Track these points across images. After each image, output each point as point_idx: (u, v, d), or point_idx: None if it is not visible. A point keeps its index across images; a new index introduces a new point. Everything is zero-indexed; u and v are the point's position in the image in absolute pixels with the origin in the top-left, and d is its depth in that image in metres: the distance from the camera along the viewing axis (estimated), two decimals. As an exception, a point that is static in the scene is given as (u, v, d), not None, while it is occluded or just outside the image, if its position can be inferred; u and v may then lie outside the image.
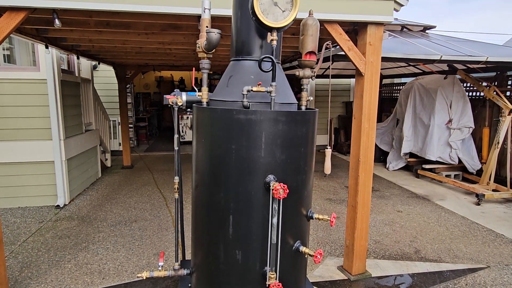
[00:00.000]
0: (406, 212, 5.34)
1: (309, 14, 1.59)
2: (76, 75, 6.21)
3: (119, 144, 9.45)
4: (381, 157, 8.73)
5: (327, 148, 1.73)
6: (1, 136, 5.06)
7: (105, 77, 9.18)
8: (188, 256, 3.51)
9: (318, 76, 9.49)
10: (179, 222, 1.96)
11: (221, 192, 1.44)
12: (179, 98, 1.60)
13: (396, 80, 10.76)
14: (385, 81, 10.45)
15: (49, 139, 5.24)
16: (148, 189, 6.42)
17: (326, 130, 10.98)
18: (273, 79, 1.36)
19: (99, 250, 3.94)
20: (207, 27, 1.46)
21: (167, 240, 4.23)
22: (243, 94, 1.37)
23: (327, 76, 9.57)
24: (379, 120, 9.37)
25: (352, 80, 10.63)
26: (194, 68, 1.81)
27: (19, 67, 5.78)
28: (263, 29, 1.38)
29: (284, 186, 1.28)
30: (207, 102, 1.56)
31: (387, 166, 8.19)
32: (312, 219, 1.60)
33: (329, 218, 1.55)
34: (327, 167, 1.73)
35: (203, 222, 1.57)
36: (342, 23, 3.04)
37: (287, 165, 1.42)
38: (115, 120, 9.44)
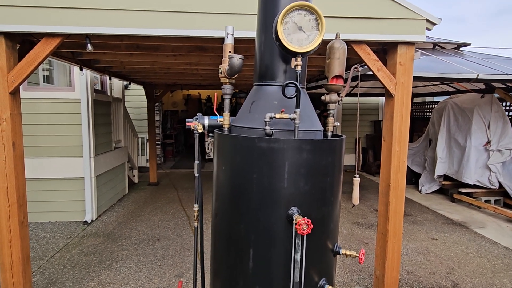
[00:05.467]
0: (441, 240, 4.98)
1: (336, 36, 1.53)
2: (108, 94, 6.46)
3: (147, 161, 9.65)
4: (412, 178, 8.33)
5: (355, 177, 1.62)
6: (36, 152, 5.29)
7: (136, 96, 9.51)
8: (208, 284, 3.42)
9: (345, 95, 9.33)
10: (199, 248, 1.89)
11: (241, 223, 1.37)
12: (199, 125, 1.57)
13: (428, 99, 10.37)
14: (416, 99, 10.10)
15: (80, 156, 5.43)
16: (172, 207, 6.44)
17: (354, 150, 10.68)
18: (297, 106, 1.29)
19: (122, 269, 3.93)
20: (229, 52, 1.42)
21: (189, 261, 4.17)
22: (266, 121, 1.31)
23: (354, 95, 9.39)
24: (410, 140, 8.99)
25: (381, 99, 10.37)
26: (216, 94, 1.79)
27: (56, 87, 6.11)
28: (287, 54, 1.33)
29: (308, 221, 1.19)
30: (228, 128, 1.52)
31: (419, 189, 7.78)
32: (339, 254, 1.48)
33: (358, 255, 1.42)
34: (355, 198, 1.62)
35: (222, 253, 1.49)
36: (370, 43, 2.95)
37: (311, 196, 1.33)
38: (143, 137, 9.69)
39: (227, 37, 1.43)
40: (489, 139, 6.47)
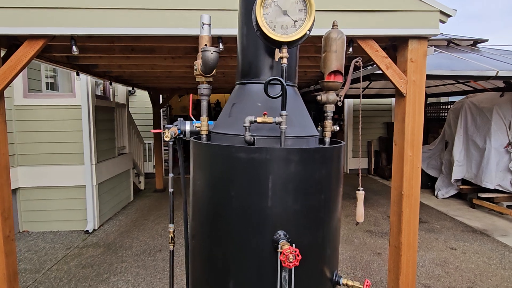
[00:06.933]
0: (461, 250, 4.63)
1: (333, 26, 1.29)
2: (111, 100, 6.35)
3: (154, 167, 9.52)
4: (428, 183, 7.93)
5: (358, 190, 1.38)
6: (37, 160, 5.20)
7: (142, 101, 9.43)
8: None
9: (355, 97, 9.03)
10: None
11: (219, 249, 1.14)
12: (167, 132, 1.35)
13: (443, 99, 9.94)
14: (431, 100, 9.70)
15: (81, 164, 5.30)
16: (177, 214, 6.25)
17: (366, 153, 10.33)
18: (283, 107, 1.06)
19: (120, 283, 3.75)
20: (206, 45, 1.21)
21: (190, 274, 3.95)
22: (245, 127, 1.08)
23: (366, 96, 9.07)
24: (425, 142, 8.60)
25: (394, 100, 9.99)
26: (191, 94, 1.57)
27: (57, 93, 6.03)
28: (270, 45, 1.10)
29: (295, 251, 0.95)
30: (207, 135, 1.30)
31: (435, 194, 7.39)
32: (339, 284, 1.23)
33: (361, 286, 1.17)
34: (359, 215, 1.37)
35: (200, 283, 1.26)
36: (378, 39, 2.69)
37: (302, 217, 1.09)
38: (150, 143, 9.59)
39: (202, 27, 1.22)
40: (510, 141, 6.07)
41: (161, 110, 9.03)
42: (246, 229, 1.08)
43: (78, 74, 4.33)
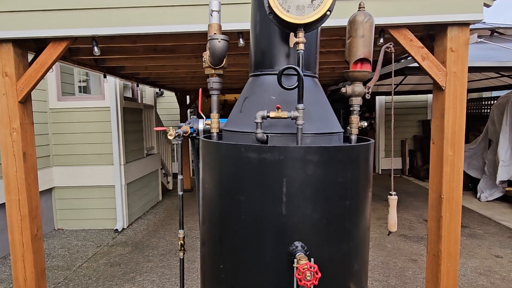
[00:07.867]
0: (508, 258, 4.22)
1: (359, 8, 1.13)
2: (139, 102, 6.46)
3: (182, 167, 9.63)
4: (469, 184, 7.38)
5: (390, 195, 1.20)
6: (70, 161, 5.38)
7: (170, 103, 9.57)
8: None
9: (388, 94, 8.60)
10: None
11: (228, 261, 1.02)
12: (171, 131, 1.25)
13: (485, 94, 9.25)
14: (471, 95, 9.06)
15: (111, 164, 5.42)
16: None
17: (399, 153, 9.82)
18: (300, 100, 0.92)
19: (145, 283, 3.75)
20: (215, 34, 1.09)
21: (214, 277, 3.89)
22: (257, 123, 0.95)
23: (400, 93, 8.62)
24: (466, 140, 7.99)
25: (429, 96, 9.44)
26: (201, 89, 1.47)
27: (88, 96, 6.22)
28: (284, 29, 0.96)
29: (313, 267, 0.81)
30: (217, 133, 1.18)
31: (478, 196, 6.85)
32: (368, 304, 1.07)
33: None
34: (392, 223, 1.20)
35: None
36: (412, 27, 2.46)
37: (324, 227, 0.95)
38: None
39: (211, 15, 1.11)
40: None
41: (188, 111, 9.11)
42: (258, 240, 0.96)
43: (105, 76, 4.41)
